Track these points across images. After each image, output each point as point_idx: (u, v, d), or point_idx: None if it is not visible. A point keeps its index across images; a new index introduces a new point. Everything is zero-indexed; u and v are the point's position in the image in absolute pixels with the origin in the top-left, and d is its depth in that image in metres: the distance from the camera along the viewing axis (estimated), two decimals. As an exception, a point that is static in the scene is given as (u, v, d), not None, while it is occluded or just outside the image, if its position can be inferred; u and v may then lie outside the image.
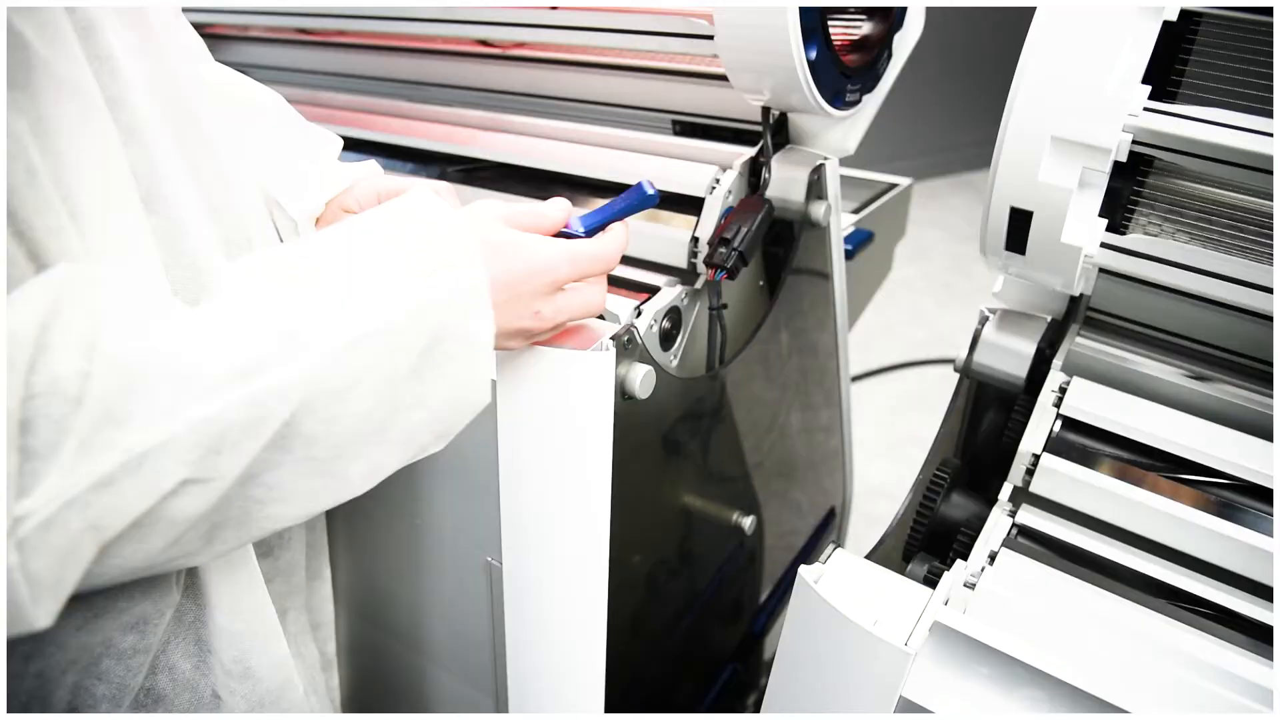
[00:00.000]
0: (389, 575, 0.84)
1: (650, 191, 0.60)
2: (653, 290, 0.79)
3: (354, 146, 1.01)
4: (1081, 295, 0.74)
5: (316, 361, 0.43)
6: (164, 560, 0.42)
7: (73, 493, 0.37)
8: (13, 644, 0.44)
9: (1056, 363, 0.73)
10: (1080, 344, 0.73)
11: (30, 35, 0.42)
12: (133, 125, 0.48)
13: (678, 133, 0.96)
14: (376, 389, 0.45)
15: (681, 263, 0.82)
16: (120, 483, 0.38)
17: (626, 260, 0.85)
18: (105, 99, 0.46)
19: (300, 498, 0.45)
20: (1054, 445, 0.66)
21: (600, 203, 0.62)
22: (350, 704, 0.83)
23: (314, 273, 0.46)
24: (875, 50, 0.85)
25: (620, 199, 0.61)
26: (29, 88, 0.42)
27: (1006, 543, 0.62)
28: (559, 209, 0.59)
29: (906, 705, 0.52)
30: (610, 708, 0.78)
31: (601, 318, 0.69)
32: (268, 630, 0.58)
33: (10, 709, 0.46)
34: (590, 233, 0.60)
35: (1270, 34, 0.61)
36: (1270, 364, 0.67)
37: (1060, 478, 0.64)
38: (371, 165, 0.73)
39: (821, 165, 0.86)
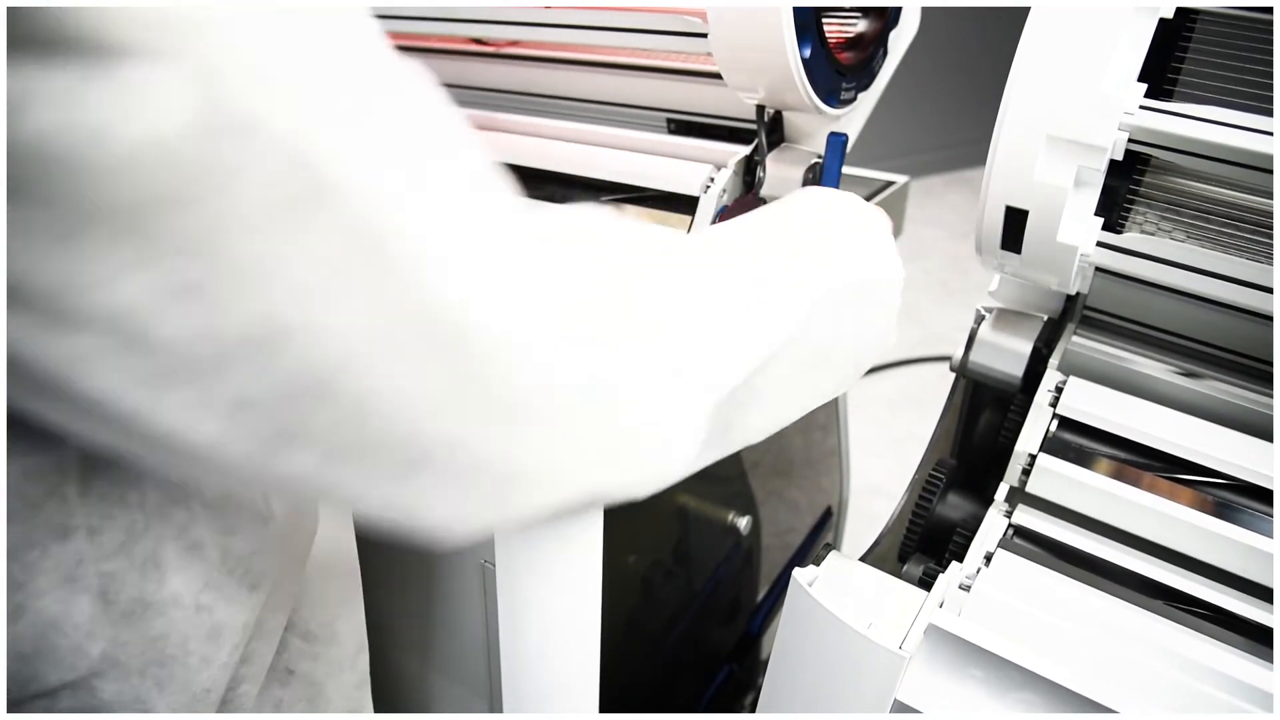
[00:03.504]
0: (382, 577, 0.84)
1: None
2: (647, 290, 0.78)
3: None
4: (1078, 294, 0.74)
5: (803, 314, 0.48)
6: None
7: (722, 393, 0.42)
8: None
9: (1053, 362, 0.73)
10: (1077, 343, 0.73)
11: None
12: None
13: (672, 131, 0.96)
14: (830, 331, 0.51)
15: (676, 262, 0.82)
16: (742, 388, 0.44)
17: (621, 260, 0.85)
18: None
19: (777, 411, 0.53)
20: (1050, 445, 0.66)
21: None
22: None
23: (797, 233, 0.53)
24: (871, 48, 0.85)
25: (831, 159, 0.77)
26: None
27: (1003, 544, 0.61)
28: None
29: (901, 709, 0.52)
30: (605, 708, 0.78)
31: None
32: (355, 596, 0.59)
33: (199, 700, 0.45)
34: None
35: (1268, 31, 0.61)
36: (1268, 362, 0.67)
37: (1057, 478, 0.64)
38: None
39: (817, 164, 0.85)
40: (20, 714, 0.44)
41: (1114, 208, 0.68)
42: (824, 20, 0.76)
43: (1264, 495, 0.61)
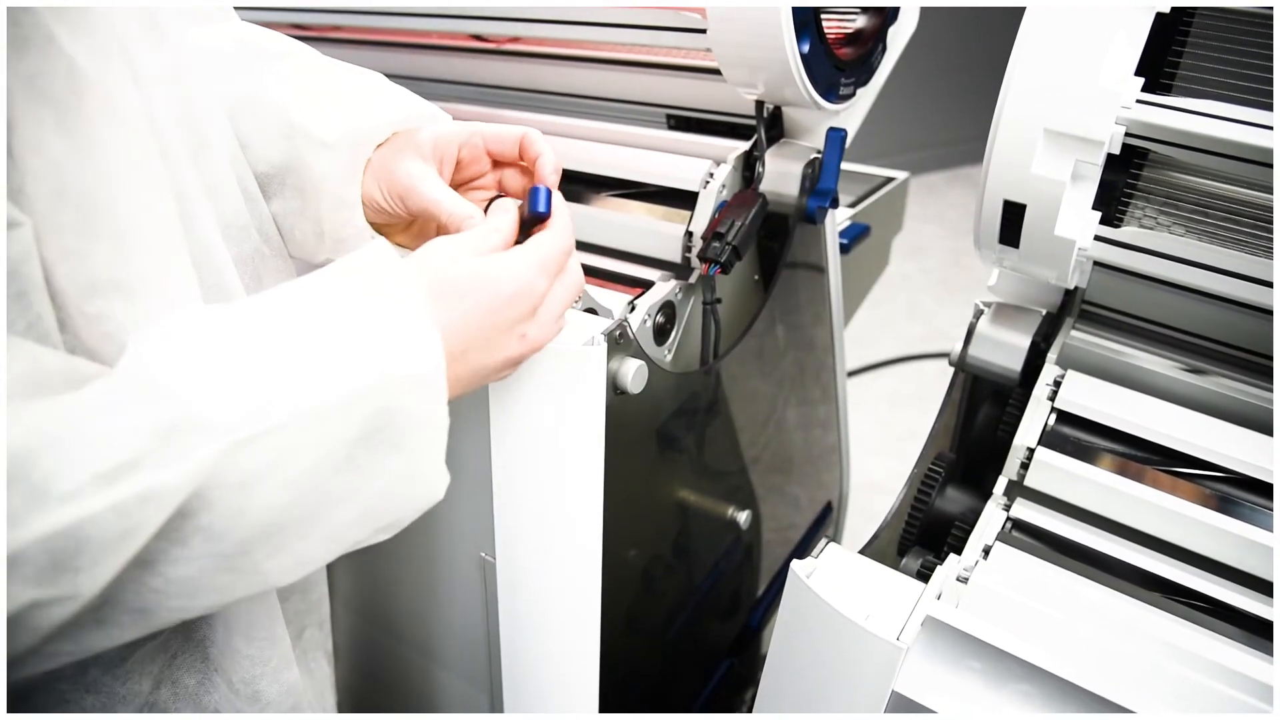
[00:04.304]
0: (384, 571, 0.84)
1: None
2: (647, 285, 0.79)
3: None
4: (1076, 288, 0.74)
5: (213, 456, 0.37)
6: (53, 656, 0.38)
7: None
8: None
9: (1051, 356, 0.73)
10: (1075, 337, 0.73)
11: (82, 59, 0.41)
12: (165, 140, 0.47)
13: (672, 127, 0.96)
14: (297, 481, 0.39)
15: (675, 257, 0.82)
16: None
17: (621, 255, 0.85)
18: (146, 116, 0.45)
19: (207, 592, 0.40)
20: (1048, 439, 0.66)
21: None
22: (345, 698, 0.83)
23: (223, 346, 0.39)
24: (869, 44, 0.85)
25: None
26: (81, 112, 0.40)
27: (1001, 537, 0.62)
28: (508, 219, 0.53)
29: (899, 700, 0.52)
30: (606, 702, 0.78)
31: (594, 313, 0.68)
32: (281, 658, 0.56)
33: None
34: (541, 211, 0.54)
35: (1266, 26, 0.61)
36: (1266, 357, 0.67)
37: (1055, 471, 0.64)
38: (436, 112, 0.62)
39: (816, 159, 0.85)
40: (20, 714, 0.44)
41: (1112, 202, 0.68)
42: (823, 16, 0.76)
43: (1262, 489, 0.61)
